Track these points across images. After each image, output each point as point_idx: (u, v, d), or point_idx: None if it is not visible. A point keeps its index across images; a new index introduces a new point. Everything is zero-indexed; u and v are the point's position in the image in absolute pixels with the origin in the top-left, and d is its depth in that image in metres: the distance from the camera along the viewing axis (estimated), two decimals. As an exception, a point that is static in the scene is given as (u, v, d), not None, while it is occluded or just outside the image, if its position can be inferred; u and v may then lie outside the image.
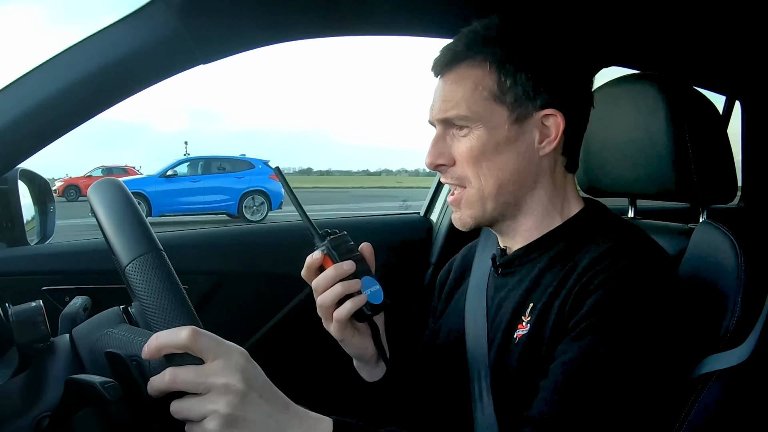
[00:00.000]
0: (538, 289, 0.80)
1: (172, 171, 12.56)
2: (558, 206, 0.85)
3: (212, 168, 12.91)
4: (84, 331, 0.70)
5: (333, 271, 0.79)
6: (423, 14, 1.11)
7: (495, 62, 0.79)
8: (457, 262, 1.04)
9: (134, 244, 0.62)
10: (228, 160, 13.37)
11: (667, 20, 1.23)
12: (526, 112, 0.80)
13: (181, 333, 0.57)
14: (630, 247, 0.75)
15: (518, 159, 0.81)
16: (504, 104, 0.80)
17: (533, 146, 0.81)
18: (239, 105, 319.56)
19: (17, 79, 0.78)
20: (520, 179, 0.82)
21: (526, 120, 0.80)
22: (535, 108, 0.80)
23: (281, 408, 0.61)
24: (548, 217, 0.84)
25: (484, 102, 0.80)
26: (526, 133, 0.80)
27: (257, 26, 0.99)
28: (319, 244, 0.81)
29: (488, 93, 0.80)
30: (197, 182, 12.45)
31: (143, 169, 24.51)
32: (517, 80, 0.79)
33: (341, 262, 0.79)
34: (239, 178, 12.66)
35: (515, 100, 0.79)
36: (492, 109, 0.80)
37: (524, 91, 0.79)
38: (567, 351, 0.71)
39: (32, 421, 0.63)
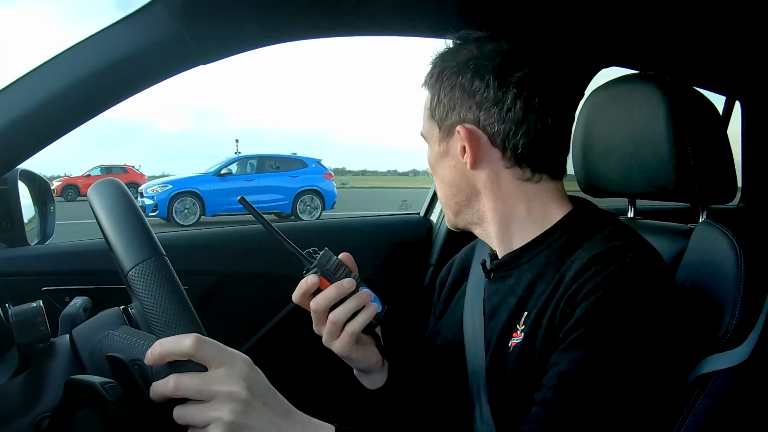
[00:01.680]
0: (532, 296, 0.79)
1: (227, 170, 12.42)
2: (523, 214, 0.83)
3: (266, 167, 12.79)
4: (84, 332, 0.70)
5: (335, 290, 0.80)
6: (422, 15, 1.11)
7: (430, 82, 0.85)
8: (456, 263, 1.04)
9: (137, 250, 0.62)
10: (281, 158, 13.29)
11: (667, 20, 1.23)
12: (448, 127, 0.83)
13: (185, 340, 0.58)
14: (618, 252, 0.73)
15: (451, 172, 0.85)
16: (434, 121, 0.85)
17: (461, 160, 0.83)
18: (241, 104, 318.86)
19: (17, 79, 0.78)
20: (460, 191, 0.85)
21: (450, 135, 0.83)
22: (452, 124, 0.82)
23: (284, 415, 0.61)
24: (516, 224, 0.84)
25: (427, 120, 0.87)
26: (452, 148, 0.84)
27: (257, 26, 0.99)
28: (310, 267, 0.81)
29: (428, 111, 0.86)
30: (252, 181, 12.34)
31: (143, 168, 24.48)
32: (441, 97, 0.83)
33: (341, 281, 0.80)
34: (293, 177, 12.63)
35: (440, 117, 0.84)
36: (431, 125, 0.86)
37: (444, 108, 0.83)
38: (557, 363, 0.70)
39: (32, 421, 0.63)
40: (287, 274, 1.19)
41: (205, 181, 12.11)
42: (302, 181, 12.65)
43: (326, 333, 0.82)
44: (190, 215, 11.76)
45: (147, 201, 11.82)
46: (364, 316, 0.81)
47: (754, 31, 1.34)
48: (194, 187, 11.95)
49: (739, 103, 2.00)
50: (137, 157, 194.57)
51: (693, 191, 0.92)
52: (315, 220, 9.20)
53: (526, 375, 0.75)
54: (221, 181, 12.14)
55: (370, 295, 0.81)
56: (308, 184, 12.67)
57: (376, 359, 0.88)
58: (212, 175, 12.26)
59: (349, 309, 0.80)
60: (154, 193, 11.95)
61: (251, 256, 1.41)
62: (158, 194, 11.85)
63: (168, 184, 12.27)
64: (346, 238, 1.52)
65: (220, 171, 12.34)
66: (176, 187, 11.98)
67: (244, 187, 12.11)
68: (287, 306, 1.42)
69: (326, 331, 0.82)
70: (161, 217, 11.61)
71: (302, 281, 0.81)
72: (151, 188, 12.22)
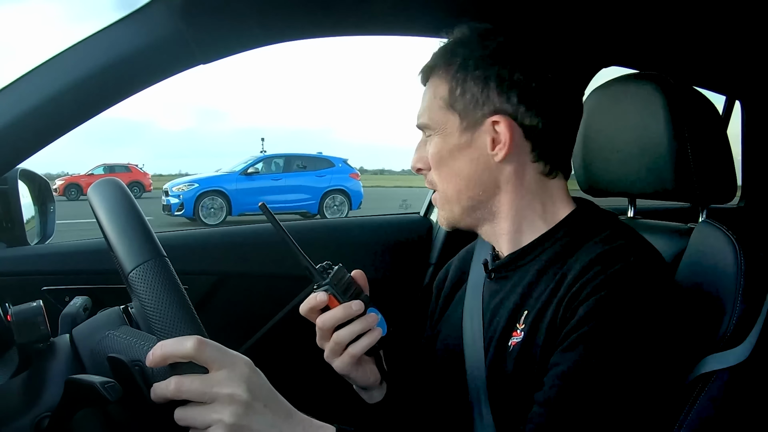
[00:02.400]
0: (532, 295, 0.79)
1: (254, 169, 12.31)
2: (539, 211, 0.84)
3: (292, 166, 12.66)
4: (84, 332, 0.70)
5: (342, 312, 0.80)
6: (422, 14, 1.11)
7: (449, 72, 0.82)
8: (454, 265, 1.03)
9: (138, 251, 0.62)
10: (307, 158, 13.16)
11: (667, 20, 1.23)
12: (475, 119, 0.81)
13: (186, 343, 0.58)
14: (620, 252, 0.74)
15: (471, 165, 0.82)
16: (456, 112, 0.82)
17: (486, 152, 0.81)
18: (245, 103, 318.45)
19: (17, 78, 0.78)
20: (478, 185, 0.83)
21: (476, 127, 0.81)
22: (484, 115, 0.80)
23: (285, 417, 0.61)
24: (529, 221, 0.84)
25: (439, 110, 0.83)
26: (478, 140, 0.81)
27: (257, 26, 0.99)
28: (321, 284, 0.80)
29: (443, 102, 0.82)
30: (278, 180, 12.20)
31: (146, 167, 24.45)
32: (467, 88, 0.81)
33: (350, 302, 0.80)
34: (320, 177, 12.49)
35: (464, 107, 0.81)
36: (446, 116, 0.83)
37: (473, 99, 0.80)
38: (559, 363, 0.70)
39: (32, 421, 0.63)
40: (287, 274, 1.19)
41: (232, 180, 12.00)
42: (329, 180, 12.55)
43: (328, 350, 0.82)
44: (216, 214, 11.70)
45: (172, 200, 11.78)
46: (367, 340, 0.81)
47: (754, 31, 1.34)
48: (220, 186, 11.87)
49: (739, 103, 2.00)
50: (141, 156, 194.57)
51: (693, 191, 0.92)
52: (316, 220, 9.17)
53: (527, 374, 0.75)
54: (248, 180, 12.04)
55: (376, 318, 0.81)
56: (335, 183, 12.57)
57: (374, 379, 0.87)
58: (239, 174, 12.15)
59: (354, 332, 0.80)
60: (180, 191, 11.86)
61: (251, 256, 1.41)
62: (184, 193, 11.78)
63: (194, 182, 12.14)
64: (346, 238, 1.52)
65: (246, 170, 12.24)
66: (202, 186, 11.89)
67: (271, 186, 12.03)
68: (287, 306, 1.42)
69: (328, 348, 0.82)
70: (187, 216, 11.57)
71: (311, 296, 0.81)
72: (177, 187, 12.07)
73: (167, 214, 11.76)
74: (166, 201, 11.93)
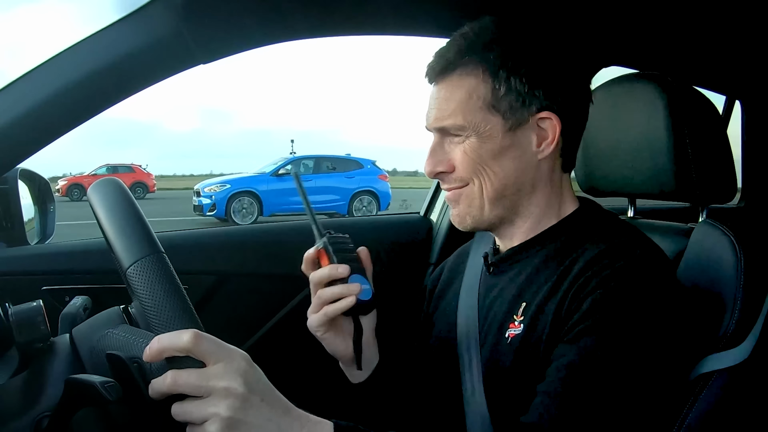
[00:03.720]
0: (531, 288, 0.79)
1: (284, 170, 12.46)
2: (555, 207, 0.85)
3: (322, 167, 12.89)
4: (84, 331, 0.70)
5: (328, 270, 0.83)
6: (423, 14, 1.11)
7: (488, 69, 0.78)
8: (449, 264, 1.03)
9: (135, 247, 0.62)
10: (337, 159, 13.41)
11: (667, 20, 1.23)
12: (521, 118, 0.79)
13: (183, 336, 0.57)
14: (627, 248, 0.75)
15: (515, 164, 0.80)
16: (499, 112, 0.78)
17: (530, 150, 0.80)
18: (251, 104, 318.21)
19: (18, 78, 0.78)
20: (518, 184, 0.81)
21: (521, 126, 0.79)
22: (530, 112, 0.79)
23: (282, 412, 0.61)
24: (545, 218, 0.84)
25: (478, 111, 0.79)
26: (523, 139, 0.80)
27: (257, 26, 0.99)
28: (318, 241, 0.85)
29: (482, 102, 0.78)
30: (309, 181, 12.28)
31: (150, 168, 24.45)
32: (512, 86, 0.78)
33: (338, 264, 0.83)
34: (349, 178, 12.71)
35: (510, 107, 0.78)
36: (486, 118, 0.79)
37: (518, 97, 0.78)
38: (564, 354, 0.71)
39: (32, 420, 0.63)
40: (287, 274, 1.18)
41: (263, 181, 12.21)
42: (358, 182, 12.77)
43: (312, 305, 0.85)
44: (247, 215, 11.90)
45: (204, 200, 12.00)
46: (341, 304, 0.82)
47: (754, 31, 1.34)
48: (252, 187, 12.09)
49: (739, 102, 1.99)
50: (147, 156, 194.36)
51: (693, 191, 0.92)
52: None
53: (527, 366, 0.75)
54: (278, 181, 12.18)
55: (358, 288, 0.82)
56: (364, 185, 12.79)
57: (343, 351, 0.88)
58: (269, 175, 12.34)
59: (334, 293, 0.82)
60: (212, 192, 12.11)
61: (251, 256, 1.41)
62: (216, 194, 12.01)
63: (226, 183, 12.38)
64: None
65: (277, 171, 12.43)
66: (234, 187, 12.11)
67: None
68: (287, 306, 1.42)
69: (312, 303, 0.85)
70: (218, 217, 11.77)
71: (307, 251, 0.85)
72: (209, 188, 12.36)
73: (198, 215, 12.07)
74: (197, 201, 12.20)
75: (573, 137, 0.84)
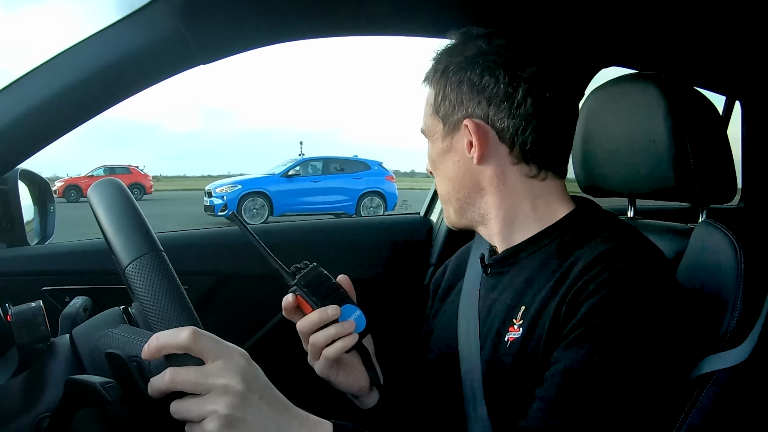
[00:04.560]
0: (529, 290, 0.79)
1: (294, 171, 12.80)
2: (528, 211, 0.84)
3: (330, 168, 13.19)
4: (84, 332, 0.70)
5: (317, 316, 0.80)
6: (423, 14, 1.11)
7: (434, 78, 0.84)
8: (451, 264, 1.04)
9: (134, 245, 0.62)
10: (344, 160, 13.69)
11: (667, 20, 1.23)
12: (453, 123, 0.83)
13: (181, 333, 0.57)
14: (625, 250, 0.74)
15: (455, 167, 0.84)
16: (438, 117, 0.84)
17: (465, 155, 0.82)
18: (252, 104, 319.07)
19: (18, 79, 0.78)
20: (463, 187, 0.85)
21: (455, 131, 0.83)
22: (458, 119, 0.82)
23: (281, 410, 0.61)
24: (520, 221, 0.84)
25: (429, 116, 0.86)
26: (458, 143, 0.83)
27: (257, 26, 0.99)
28: (290, 284, 0.81)
29: (431, 108, 0.85)
30: (318, 182, 12.69)
31: (152, 169, 24.49)
32: (446, 93, 0.83)
33: (326, 307, 0.80)
34: (357, 179, 13.02)
35: (445, 112, 0.83)
36: (433, 122, 0.86)
37: (450, 104, 0.82)
38: (562, 359, 0.70)
39: (32, 421, 0.63)
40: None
41: (273, 182, 12.57)
42: (366, 182, 13.08)
43: (309, 354, 0.84)
44: (258, 215, 12.16)
45: (216, 200, 12.25)
46: (340, 344, 0.80)
47: (754, 31, 1.34)
48: (263, 188, 12.39)
49: (739, 103, 1.99)
50: (147, 157, 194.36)
51: (693, 191, 0.92)
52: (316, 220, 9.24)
53: (526, 370, 0.75)
54: (288, 182, 12.57)
55: (353, 325, 0.81)
56: (371, 185, 13.13)
57: (359, 385, 0.87)
58: (280, 176, 12.72)
59: (328, 336, 0.80)
60: (224, 192, 12.38)
61: (251, 256, 1.40)
62: (228, 194, 12.30)
63: (237, 184, 12.68)
64: (346, 238, 1.52)
65: (287, 172, 12.74)
66: (245, 188, 12.41)
67: (311, 188, 12.56)
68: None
69: (309, 352, 0.84)
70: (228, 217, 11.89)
71: (283, 299, 0.82)
72: (220, 188, 12.63)
73: (210, 215, 12.31)
74: (209, 202, 12.44)
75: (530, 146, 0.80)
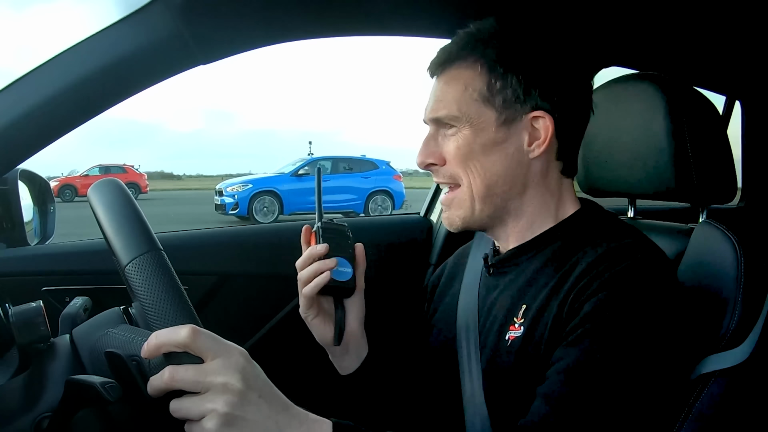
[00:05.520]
0: (531, 290, 0.79)
1: (304, 170, 12.99)
2: (551, 209, 0.84)
3: (339, 168, 13.45)
4: (84, 332, 0.70)
5: (307, 252, 0.86)
6: (423, 14, 1.11)
7: (486, 64, 0.79)
8: (449, 265, 1.03)
9: (134, 244, 0.62)
10: (353, 160, 13.97)
11: (667, 20, 1.23)
12: (514, 114, 0.80)
13: (180, 331, 0.57)
14: (628, 250, 0.74)
15: (506, 161, 0.81)
16: (493, 106, 0.80)
17: (522, 148, 0.80)
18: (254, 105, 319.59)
19: (18, 79, 0.78)
20: (509, 181, 0.81)
21: (514, 122, 0.80)
22: (524, 110, 0.79)
23: (281, 409, 0.61)
24: (540, 220, 0.84)
25: (473, 103, 0.80)
26: (515, 136, 0.80)
27: (257, 26, 0.99)
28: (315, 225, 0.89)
29: (478, 94, 0.80)
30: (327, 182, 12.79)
31: (141, 168, 24.53)
32: (507, 82, 0.79)
33: (316, 245, 0.86)
34: (365, 178, 13.28)
35: (504, 102, 0.79)
36: (480, 110, 0.80)
37: (514, 94, 0.79)
38: (563, 357, 0.70)
39: (32, 421, 0.63)
40: (287, 274, 1.18)
41: (283, 181, 12.80)
42: (374, 182, 13.31)
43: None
44: (269, 214, 12.39)
45: (227, 199, 12.50)
46: (317, 281, 0.85)
47: (754, 31, 1.34)
48: (273, 187, 12.63)
49: (739, 103, 1.99)
50: (148, 157, 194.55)
51: (693, 191, 0.92)
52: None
53: (527, 368, 0.75)
54: (298, 181, 12.76)
55: (333, 263, 0.85)
56: (380, 185, 13.34)
57: (326, 338, 0.90)
58: (290, 176, 12.95)
59: (312, 270, 0.85)
60: (235, 192, 12.61)
61: (251, 256, 1.41)
62: (239, 193, 12.54)
63: (248, 183, 12.92)
64: None
65: (297, 171, 12.96)
66: (256, 187, 12.67)
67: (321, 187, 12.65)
68: (287, 306, 1.42)
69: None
70: (240, 215, 12.24)
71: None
72: (231, 187, 12.86)
73: (221, 213, 12.55)
74: (220, 201, 12.69)
75: (570, 141, 0.83)
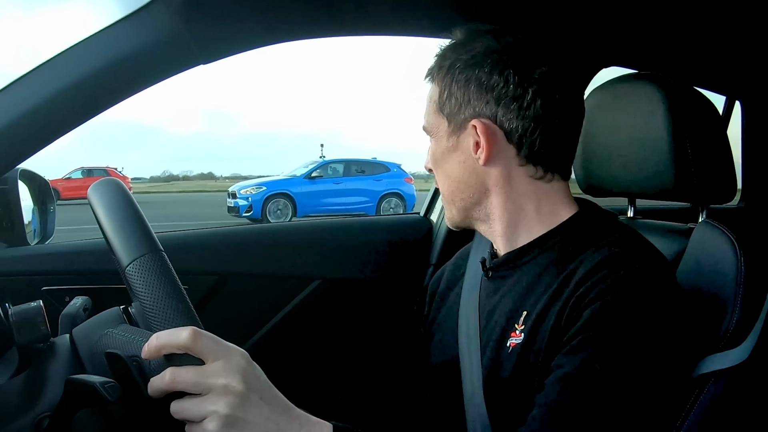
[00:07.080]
0: (531, 295, 0.79)
1: (317, 173, 13.17)
2: (532, 213, 0.83)
3: (351, 170, 13.59)
4: (84, 332, 0.70)
5: None
6: (423, 14, 1.11)
7: (439, 75, 0.83)
8: (449, 267, 1.03)
9: (134, 245, 0.62)
10: (365, 162, 14.16)
11: (666, 20, 1.23)
12: (459, 121, 0.82)
13: (181, 333, 0.57)
14: (628, 256, 0.73)
15: (459, 168, 0.83)
16: (443, 115, 0.83)
17: (471, 156, 0.82)
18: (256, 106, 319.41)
19: (18, 79, 0.78)
20: (468, 188, 0.84)
21: (461, 130, 0.82)
22: (465, 118, 0.81)
23: (281, 411, 0.61)
24: (524, 223, 0.83)
25: (433, 114, 0.85)
26: (464, 143, 0.82)
27: (257, 26, 0.99)
28: None
29: (435, 105, 0.84)
30: (339, 184, 13.09)
31: (128, 170, 24.52)
32: (452, 92, 0.81)
33: None
34: (377, 181, 13.44)
35: (450, 111, 0.82)
36: (438, 120, 0.84)
37: (456, 102, 0.81)
38: (563, 365, 0.70)
39: (32, 421, 0.63)
40: (287, 274, 1.19)
41: (297, 184, 12.98)
42: (386, 184, 13.48)
43: None
44: (282, 216, 12.52)
45: (241, 202, 12.60)
46: None
47: (754, 31, 1.34)
48: (287, 189, 12.79)
49: (739, 103, 2.00)
50: (148, 158, 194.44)
51: (693, 191, 0.92)
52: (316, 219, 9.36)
53: (527, 376, 0.74)
54: (311, 184, 12.96)
55: None
56: (391, 187, 13.49)
57: None
58: (303, 178, 13.10)
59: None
60: (248, 194, 12.75)
61: (251, 256, 1.41)
62: (253, 195, 12.70)
63: (262, 185, 13.05)
64: (346, 238, 1.51)
65: (310, 174, 13.11)
66: (270, 189, 12.82)
67: (333, 189, 12.99)
68: (287, 306, 1.42)
69: None
70: (254, 218, 12.31)
71: None
72: (245, 190, 12.99)
73: (234, 215, 12.60)
74: (233, 203, 12.79)
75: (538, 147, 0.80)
